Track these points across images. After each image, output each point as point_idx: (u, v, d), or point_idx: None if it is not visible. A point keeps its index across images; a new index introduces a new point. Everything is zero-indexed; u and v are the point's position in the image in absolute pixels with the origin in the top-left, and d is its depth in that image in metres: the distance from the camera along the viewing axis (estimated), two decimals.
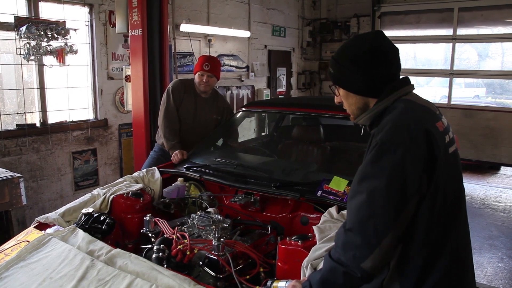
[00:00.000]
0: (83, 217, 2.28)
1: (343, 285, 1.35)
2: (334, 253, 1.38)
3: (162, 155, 3.67)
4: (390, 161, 1.29)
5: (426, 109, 1.45)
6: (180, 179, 2.82)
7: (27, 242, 2.06)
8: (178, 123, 3.61)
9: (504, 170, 7.99)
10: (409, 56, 9.06)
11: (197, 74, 3.57)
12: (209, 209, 2.55)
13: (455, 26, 7.88)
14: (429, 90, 9.03)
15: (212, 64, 3.53)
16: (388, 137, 1.31)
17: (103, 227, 2.25)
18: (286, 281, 1.76)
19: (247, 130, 3.57)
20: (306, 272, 1.76)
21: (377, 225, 1.28)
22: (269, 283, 1.80)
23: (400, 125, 1.33)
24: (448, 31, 8.03)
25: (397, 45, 1.54)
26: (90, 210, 2.33)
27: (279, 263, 1.94)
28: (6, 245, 2.20)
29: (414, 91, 1.55)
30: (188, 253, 1.97)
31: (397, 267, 1.37)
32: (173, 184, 2.77)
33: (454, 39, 7.93)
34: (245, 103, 7.31)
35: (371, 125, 1.53)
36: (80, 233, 2.07)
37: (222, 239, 2.01)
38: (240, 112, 3.72)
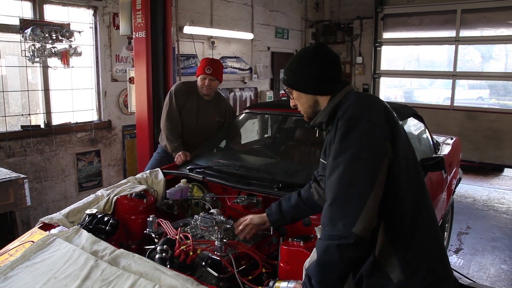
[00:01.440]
0: (87, 218, 2.29)
1: (340, 260, 1.42)
2: (323, 233, 1.47)
3: (165, 157, 3.69)
4: (358, 132, 1.46)
5: (372, 95, 1.73)
6: (183, 180, 2.82)
7: (32, 243, 2.08)
8: (180, 125, 3.62)
9: (507, 172, 7.97)
10: (412, 57, 9.07)
11: (199, 77, 3.59)
12: (212, 210, 2.56)
13: (458, 28, 7.88)
14: (432, 92, 9.03)
15: (214, 67, 3.54)
16: (352, 114, 1.49)
17: (107, 227, 2.26)
18: (288, 282, 1.78)
19: (250, 131, 3.58)
20: None
21: (359, 189, 1.40)
22: (271, 283, 1.81)
23: (360, 104, 1.54)
24: (451, 33, 8.03)
25: (400, 47, 1.69)
26: (94, 211, 2.35)
27: (281, 264, 1.95)
28: (11, 245, 2.22)
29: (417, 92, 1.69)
30: (191, 253, 1.98)
31: (389, 241, 1.49)
32: (176, 186, 2.78)
33: (457, 40, 7.93)
34: (248, 105, 7.34)
35: (327, 122, 1.70)
36: (84, 233, 2.08)
37: (224, 240, 2.02)
38: (243, 114, 3.73)
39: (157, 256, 1.96)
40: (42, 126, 4.68)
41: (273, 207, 2.13)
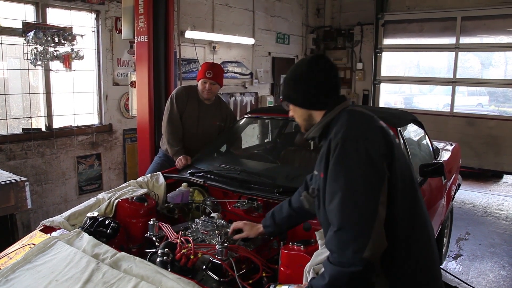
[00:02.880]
0: (88, 221, 2.30)
1: (350, 284, 1.41)
2: (333, 259, 1.44)
3: (166, 161, 3.70)
4: (356, 154, 1.43)
5: (369, 114, 1.64)
6: (184, 184, 2.84)
7: (33, 245, 2.09)
8: (181, 129, 3.64)
9: (506, 178, 7.99)
10: (413, 64, 9.10)
11: (200, 81, 3.60)
12: (212, 214, 2.57)
13: (458, 35, 7.92)
14: (432, 98, 9.06)
15: (214, 72, 3.56)
16: (346, 135, 1.48)
17: (108, 231, 2.27)
18: (289, 285, 1.79)
19: (250, 136, 3.59)
20: (308, 276, 1.78)
21: (363, 213, 1.38)
22: (272, 287, 1.82)
23: (355, 124, 1.53)
24: (451, 40, 8.07)
25: (400, 53, 1.65)
26: (95, 214, 2.36)
27: (281, 268, 1.95)
28: (11, 248, 2.23)
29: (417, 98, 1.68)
30: (192, 257, 1.99)
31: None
32: (177, 189, 2.80)
33: (456, 47, 7.97)
34: (248, 109, 7.35)
35: (320, 136, 1.71)
36: (85, 236, 2.09)
37: (225, 244, 2.03)
38: (244, 119, 3.75)
39: (158, 259, 1.97)
40: (43, 129, 4.69)
41: (268, 220, 2.15)
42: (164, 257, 1.97)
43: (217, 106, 3.77)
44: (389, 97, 9.41)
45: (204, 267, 1.98)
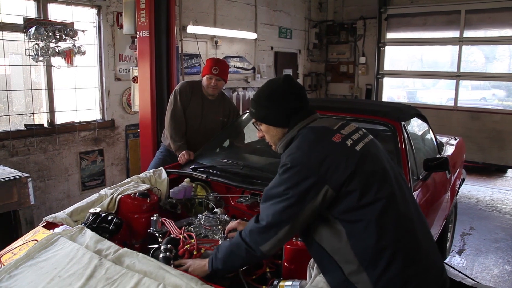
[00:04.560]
0: (90, 217, 2.29)
1: (245, 258, 1.72)
2: (243, 233, 1.72)
3: (168, 156, 3.69)
4: (287, 176, 1.62)
5: (323, 130, 1.74)
6: (186, 179, 2.83)
7: (36, 241, 2.08)
8: (184, 124, 3.62)
9: (510, 172, 7.94)
10: (416, 58, 9.04)
11: (205, 77, 3.58)
12: (215, 210, 2.56)
13: (462, 28, 7.85)
14: (435, 93, 9.01)
15: (220, 68, 3.54)
16: (288, 160, 1.64)
17: (111, 226, 2.26)
18: (293, 281, 1.78)
19: (253, 131, 3.57)
20: (312, 272, 1.77)
21: (277, 221, 1.62)
22: (275, 282, 1.81)
23: (297, 152, 1.65)
24: (455, 33, 8.00)
25: (403, 47, 1.66)
26: (98, 210, 2.35)
27: (285, 263, 1.95)
28: (14, 244, 2.23)
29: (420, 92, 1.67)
30: (195, 252, 1.99)
31: (357, 258, 1.57)
32: (180, 185, 2.79)
33: (461, 41, 7.90)
34: None
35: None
36: (88, 232, 2.09)
37: (228, 239, 2.02)
38: (246, 114, 3.73)
39: (161, 255, 1.96)
40: (46, 125, 4.68)
41: None
42: (167, 253, 1.96)
43: (221, 102, 3.75)
44: (392, 91, 9.36)
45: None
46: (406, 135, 3.02)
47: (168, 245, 2.00)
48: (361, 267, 1.56)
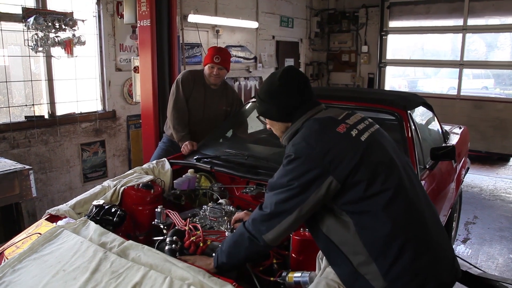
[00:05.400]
0: (94, 209, 2.26)
1: (248, 248, 1.68)
2: (247, 222, 1.70)
3: (171, 146, 3.65)
4: (291, 167, 1.60)
5: (328, 121, 1.71)
6: (190, 170, 2.79)
7: (39, 235, 2.05)
8: (187, 114, 3.58)
9: None
10: (418, 47, 8.96)
11: (207, 66, 3.53)
12: (220, 201, 2.53)
13: (466, 16, 7.77)
14: (437, 82, 8.94)
15: (222, 56, 3.49)
16: (292, 151, 1.62)
17: (115, 219, 2.23)
18: (302, 273, 1.75)
19: (256, 121, 3.53)
20: (321, 263, 1.74)
21: (281, 211, 1.60)
22: (284, 274, 1.79)
23: (301, 143, 1.63)
24: (458, 22, 7.92)
25: (406, 35, 1.65)
26: (101, 202, 2.31)
27: (293, 254, 1.92)
28: (18, 237, 2.20)
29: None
30: (201, 244, 1.95)
31: (366, 248, 1.54)
32: (183, 176, 2.75)
33: (464, 29, 7.83)
34: (253, 94, 7.28)
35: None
36: (92, 225, 2.05)
37: (234, 231, 1.99)
38: (250, 103, 3.68)
39: (166, 247, 1.92)
40: (46, 116, 4.63)
41: None
42: (173, 245, 1.93)
43: (223, 91, 3.70)
44: (393, 80, 9.30)
45: (213, 254, 1.93)
46: (412, 124, 2.98)
47: (174, 237, 1.97)
48: (370, 258, 1.53)
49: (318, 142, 1.61)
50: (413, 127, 2.96)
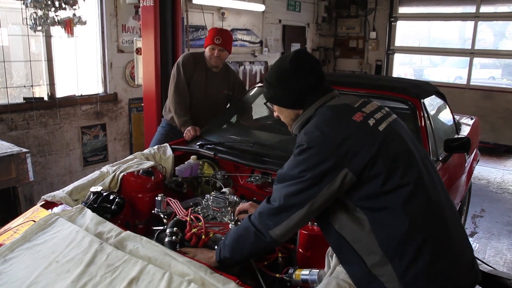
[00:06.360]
0: (91, 196, 2.15)
1: (253, 244, 1.58)
2: (253, 216, 1.60)
3: (171, 131, 3.54)
4: (303, 158, 1.48)
5: (343, 108, 1.59)
6: (193, 157, 2.69)
7: (33, 222, 1.95)
8: (189, 98, 3.45)
9: None
10: (427, 34, 8.76)
11: (207, 48, 3.41)
12: (223, 189, 2.43)
13: (479, 3, 7.56)
14: (444, 70, 8.76)
15: (223, 37, 3.36)
16: (304, 140, 1.50)
17: (113, 206, 2.13)
18: (310, 270, 1.65)
19: (261, 106, 3.43)
20: (331, 261, 1.63)
21: (290, 204, 1.49)
22: (290, 271, 1.68)
23: (314, 131, 1.51)
24: (471, 8, 7.72)
25: (415, 22, 1.48)
26: (99, 188, 2.21)
27: (300, 250, 1.81)
28: (14, 222, 2.10)
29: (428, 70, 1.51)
30: (203, 237, 1.85)
31: (381, 249, 1.44)
32: (185, 162, 2.64)
33: (477, 16, 7.61)
34: (258, 79, 7.15)
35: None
36: (89, 213, 1.95)
37: (239, 222, 1.89)
38: (255, 88, 3.55)
39: (166, 239, 1.82)
40: (46, 98, 4.51)
41: None
42: (173, 237, 1.83)
43: (225, 74, 3.58)
44: (400, 68, 9.12)
45: (215, 247, 1.83)
46: (426, 114, 2.86)
47: (174, 228, 1.86)
48: (386, 258, 1.42)
49: (333, 131, 1.49)
50: (426, 117, 2.84)
